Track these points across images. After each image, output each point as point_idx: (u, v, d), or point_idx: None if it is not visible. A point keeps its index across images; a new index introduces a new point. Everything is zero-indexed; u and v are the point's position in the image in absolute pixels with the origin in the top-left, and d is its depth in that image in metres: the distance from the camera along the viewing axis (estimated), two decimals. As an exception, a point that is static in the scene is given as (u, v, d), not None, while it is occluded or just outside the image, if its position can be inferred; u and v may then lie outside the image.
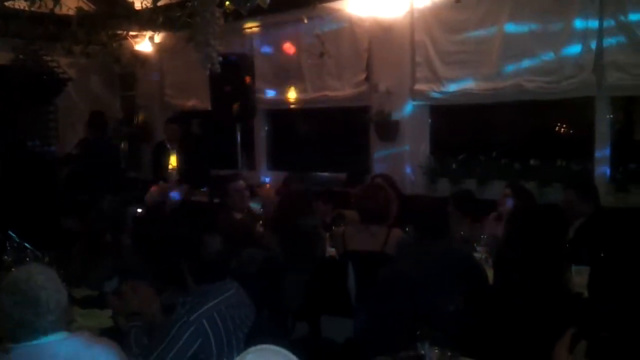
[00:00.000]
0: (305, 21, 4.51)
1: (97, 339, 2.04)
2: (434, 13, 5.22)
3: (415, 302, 2.90)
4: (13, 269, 3.51)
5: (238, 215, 4.52)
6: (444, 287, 2.94)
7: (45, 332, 1.91)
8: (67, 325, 2.06)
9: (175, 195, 6.35)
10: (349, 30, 5.71)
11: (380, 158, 5.66)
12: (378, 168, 5.59)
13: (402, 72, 5.47)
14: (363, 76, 5.70)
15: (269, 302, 3.13)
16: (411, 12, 5.32)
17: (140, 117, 7.97)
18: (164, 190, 6.24)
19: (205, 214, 4.70)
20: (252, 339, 2.50)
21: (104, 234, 3.91)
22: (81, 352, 1.91)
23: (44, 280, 1.95)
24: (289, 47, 6.15)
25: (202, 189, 6.49)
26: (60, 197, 6.12)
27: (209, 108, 6.31)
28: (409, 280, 2.97)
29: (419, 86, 5.40)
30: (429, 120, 5.61)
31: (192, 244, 2.67)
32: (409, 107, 5.48)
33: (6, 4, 5.62)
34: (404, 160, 5.54)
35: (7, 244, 3.82)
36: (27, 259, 3.67)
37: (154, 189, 6.19)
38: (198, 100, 6.99)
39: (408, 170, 5.54)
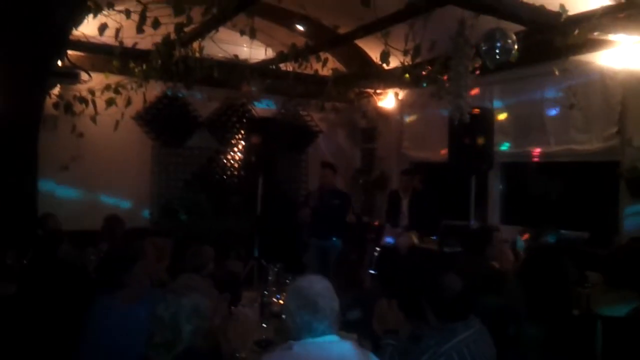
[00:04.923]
0: (557, 73, 4.46)
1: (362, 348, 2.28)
2: None
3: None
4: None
5: (496, 265, 4.47)
6: None
7: (323, 334, 2.19)
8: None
9: (390, 240, 6.73)
10: (600, 82, 5.45)
11: (632, 216, 5.19)
12: (628, 227, 5.14)
13: (661, 126, 5.04)
14: (614, 130, 5.36)
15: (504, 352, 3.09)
16: (675, 62, 4.92)
17: (378, 168, 8.55)
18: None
19: (445, 260, 4.82)
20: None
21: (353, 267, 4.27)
22: (350, 354, 2.17)
23: (322, 288, 2.27)
24: (531, 100, 6.09)
25: (432, 237, 6.65)
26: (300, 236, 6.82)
27: (445, 160, 6.50)
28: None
29: (685, 141, 4.90)
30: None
31: (434, 284, 2.82)
32: (670, 164, 4.99)
33: (280, 65, 6.68)
34: (663, 221, 5.01)
35: (270, 270, 4.49)
36: (287, 281, 4.25)
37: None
38: (434, 153, 7.23)
39: (669, 232, 4.97)
